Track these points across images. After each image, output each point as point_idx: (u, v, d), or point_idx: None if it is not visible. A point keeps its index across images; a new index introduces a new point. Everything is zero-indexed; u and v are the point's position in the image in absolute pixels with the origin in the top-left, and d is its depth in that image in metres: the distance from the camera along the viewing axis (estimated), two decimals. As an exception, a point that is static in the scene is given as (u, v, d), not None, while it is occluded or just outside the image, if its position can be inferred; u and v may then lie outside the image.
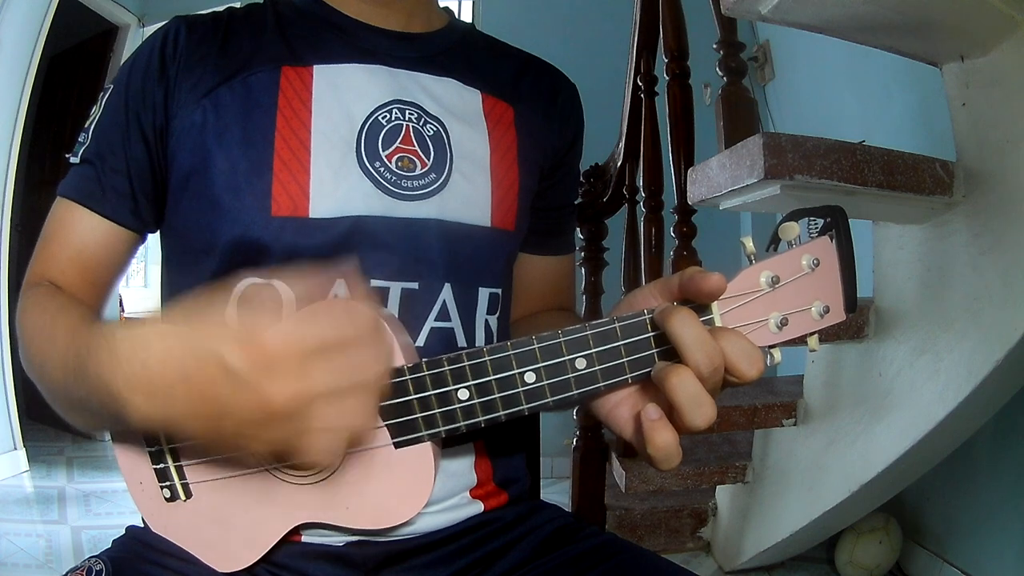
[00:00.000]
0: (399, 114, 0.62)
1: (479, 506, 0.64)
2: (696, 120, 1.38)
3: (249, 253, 0.57)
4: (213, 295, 0.40)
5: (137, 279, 4.63)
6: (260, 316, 0.38)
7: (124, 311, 3.96)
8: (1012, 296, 0.97)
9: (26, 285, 0.60)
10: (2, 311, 2.67)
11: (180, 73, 0.59)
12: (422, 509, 0.52)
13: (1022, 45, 0.96)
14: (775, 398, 1.42)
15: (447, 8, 0.74)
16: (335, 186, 0.58)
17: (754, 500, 1.56)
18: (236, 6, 0.66)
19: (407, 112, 0.62)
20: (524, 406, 0.47)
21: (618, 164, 1.65)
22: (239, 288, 0.58)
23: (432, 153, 0.62)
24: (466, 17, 3.11)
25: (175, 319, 0.41)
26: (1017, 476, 1.45)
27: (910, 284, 1.16)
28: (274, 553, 0.55)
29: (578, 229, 1.69)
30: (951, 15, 0.95)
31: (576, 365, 0.46)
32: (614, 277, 1.68)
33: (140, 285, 4.61)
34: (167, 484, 0.54)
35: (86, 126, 0.62)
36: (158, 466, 0.54)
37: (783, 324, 0.46)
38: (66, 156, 0.62)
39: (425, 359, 0.47)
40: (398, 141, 0.61)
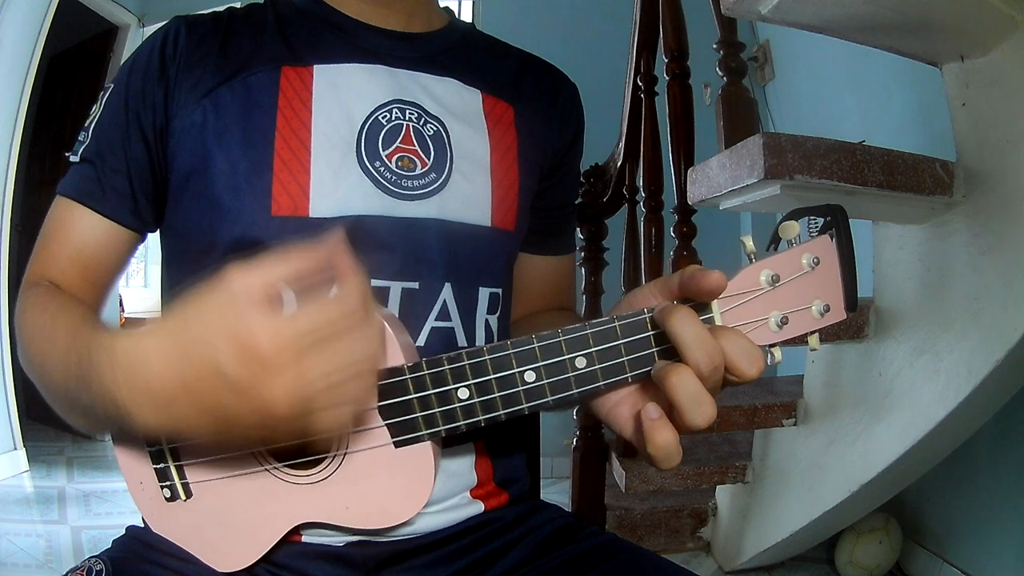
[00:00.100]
0: (399, 114, 0.62)
1: (479, 506, 0.64)
2: (696, 120, 1.38)
3: (249, 253, 0.57)
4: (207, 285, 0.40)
5: (137, 279, 4.63)
6: (250, 309, 0.38)
7: (124, 311, 3.96)
8: (1012, 296, 0.97)
9: (25, 284, 0.60)
10: (2, 311, 2.67)
11: (180, 73, 0.59)
12: (422, 509, 0.52)
13: (1022, 45, 0.96)
14: (775, 398, 1.42)
15: (447, 8, 0.74)
16: (335, 186, 0.58)
17: (754, 500, 1.55)
18: (236, 6, 0.66)
19: (407, 112, 0.62)
20: (524, 405, 0.47)
21: (618, 164, 1.64)
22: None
23: (432, 153, 0.62)
24: (466, 17, 3.11)
25: (172, 321, 0.40)
26: (1017, 476, 1.45)
27: (910, 284, 1.16)
28: (274, 553, 0.55)
29: (578, 229, 1.69)
30: (951, 15, 0.96)
31: (576, 364, 0.46)
32: (614, 277, 1.68)
33: (140, 285, 4.61)
34: (167, 484, 0.54)
35: (86, 125, 0.62)
36: (158, 466, 0.54)
37: (783, 323, 0.46)
38: (66, 155, 0.62)
39: (425, 358, 0.47)
40: (398, 141, 0.61)
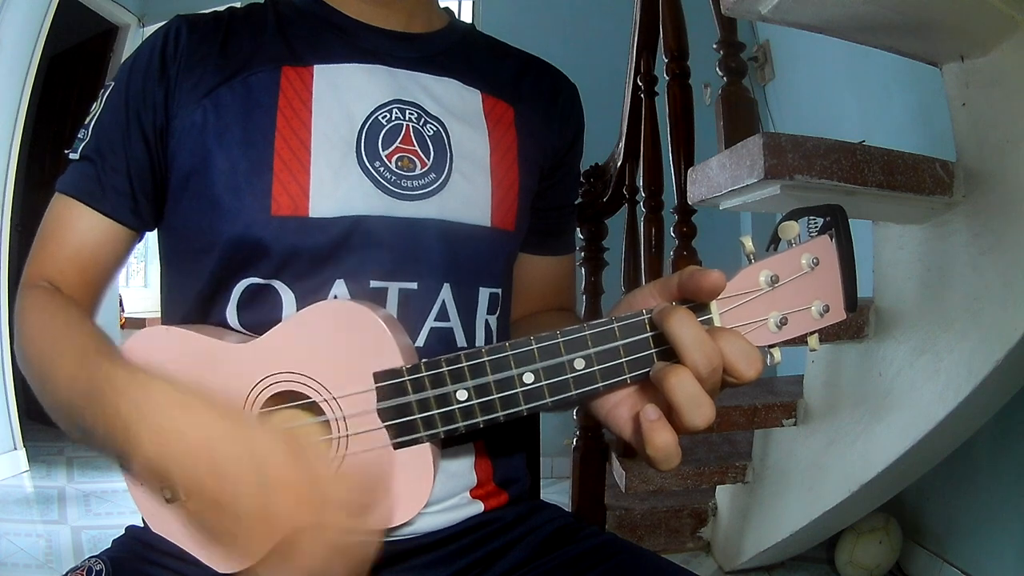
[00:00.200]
0: (399, 114, 0.62)
1: (479, 506, 0.64)
2: (696, 120, 1.38)
3: (249, 253, 0.57)
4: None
5: (137, 279, 4.63)
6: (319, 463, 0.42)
7: (124, 311, 3.97)
8: (1012, 296, 0.97)
9: (24, 285, 0.60)
10: (2, 311, 2.67)
11: (180, 73, 0.59)
12: (422, 509, 0.52)
13: (1022, 45, 0.96)
14: (775, 398, 1.42)
15: (447, 8, 0.74)
16: (335, 186, 0.58)
17: (754, 500, 1.55)
18: (236, 6, 0.66)
19: (407, 112, 0.62)
20: (523, 407, 0.47)
21: (618, 164, 1.64)
22: (238, 289, 0.59)
23: (432, 153, 0.62)
24: (466, 17, 3.11)
25: (215, 409, 0.43)
26: (1017, 476, 1.44)
27: (910, 284, 1.16)
28: (274, 553, 0.55)
29: (578, 229, 1.69)
30: (951, 15, 0.95)
31: (575, 365, 0.46)
32: (614, 277, 1.68)
33: (140, 285, 4.61)
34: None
35: (86, 122, 0.62)
36: (158, 466, 0.54)
37: (783, 323, 0.46)
38: (65, 152, 0.62)
39: (424, 360, 0.47)
40: (398, 141, 0.61)
